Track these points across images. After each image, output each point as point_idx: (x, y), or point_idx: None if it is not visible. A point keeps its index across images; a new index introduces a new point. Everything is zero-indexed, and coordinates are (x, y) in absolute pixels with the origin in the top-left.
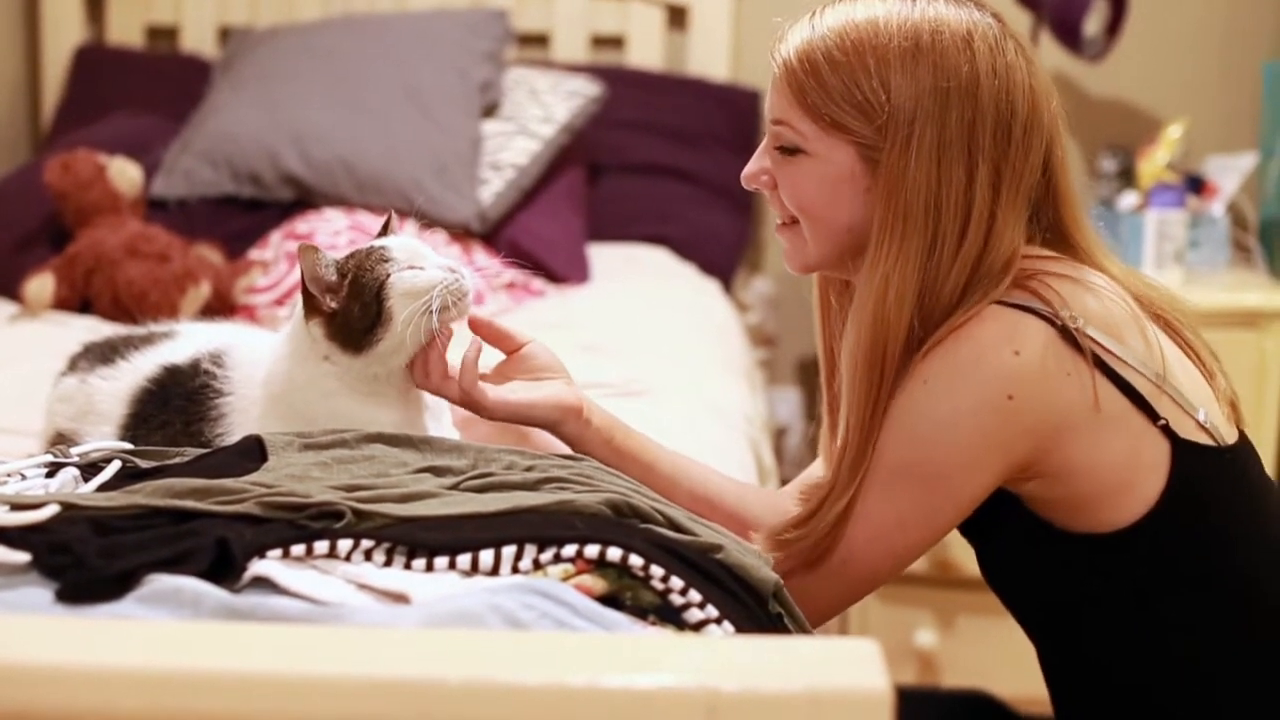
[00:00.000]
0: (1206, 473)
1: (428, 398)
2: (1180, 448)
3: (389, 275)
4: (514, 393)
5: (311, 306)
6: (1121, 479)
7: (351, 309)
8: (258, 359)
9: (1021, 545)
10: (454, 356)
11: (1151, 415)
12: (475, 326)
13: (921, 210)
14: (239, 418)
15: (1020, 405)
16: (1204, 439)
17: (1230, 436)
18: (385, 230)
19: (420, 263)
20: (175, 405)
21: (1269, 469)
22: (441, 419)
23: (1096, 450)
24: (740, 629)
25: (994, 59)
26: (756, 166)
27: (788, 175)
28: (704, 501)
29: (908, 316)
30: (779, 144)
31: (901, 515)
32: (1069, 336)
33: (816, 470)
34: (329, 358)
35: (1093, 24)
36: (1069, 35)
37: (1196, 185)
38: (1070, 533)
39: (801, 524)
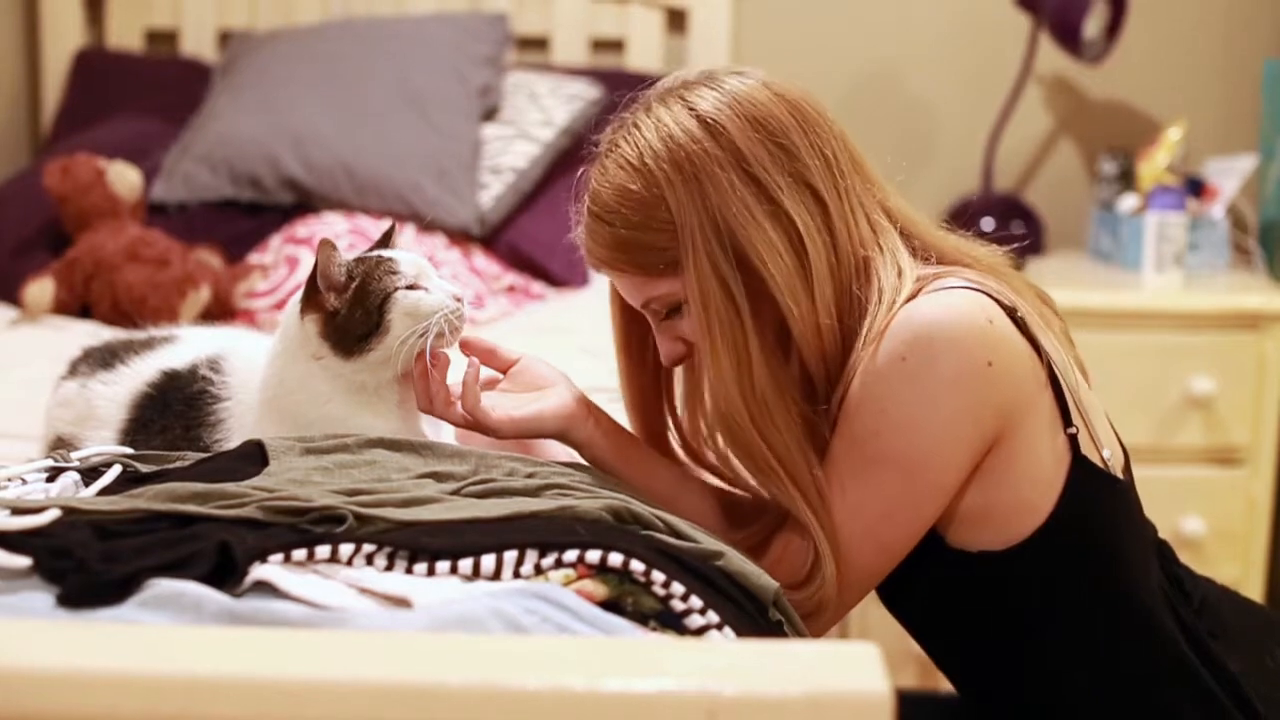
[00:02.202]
0: (1097, 492)
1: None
2: (1078, 464)
3: (395, 289)
4: (519, 409)
5: (312, 302)
6: (1030, 491)
7: (353, 313)
8: (255, 364)
9: (914, 560)
10: (452, 380)
11: (1065, 419)
12: (466, 348)
13: (721, 297)
14: (237, 423)
15: (997, 373)
16: (1096, 459)
17: (1117, 467)
18: (387, 240)
19: (425, 283)
20: (175, 410)
21: (1270, 474)
22: (440, 428)
23: (1035, 443)
24: (741, 635)
25: (730, 109)
26: (669, 347)
27: (690, 326)
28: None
29: (745, 406)
30: (663, 317)
31: (888, 506)
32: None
33: None
34: (320, 357)
35: (1092, 26)
36: (1068, 37)
37: (1196, 187)
38: (960, 550)
39: (808, 583)
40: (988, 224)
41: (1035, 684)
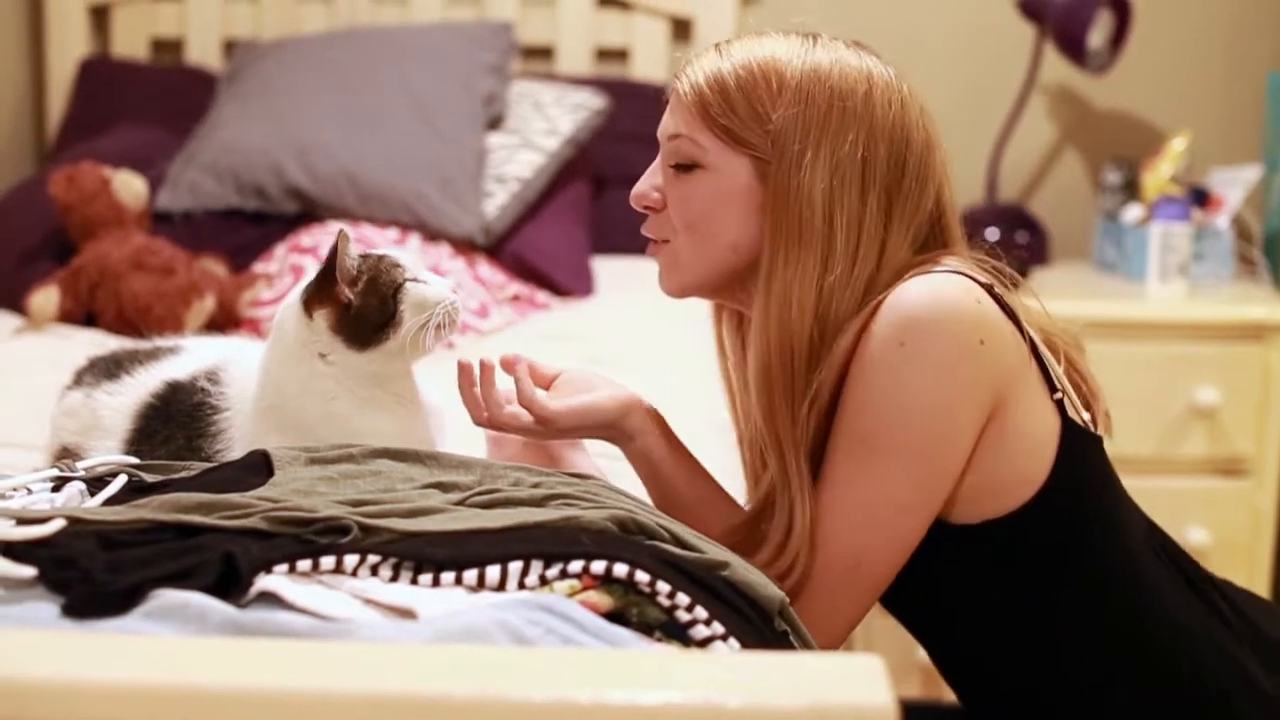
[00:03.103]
0: (1086, 452)
1: (426, 406)
2: (1067, 426)
3: (405, 281)
4: (574, 398)
5: (322, 297)
6: (1026, 459)
7: (368, 303)
8: (254, 373)
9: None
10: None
11: (1051, 387)
12: (508, 366)
13: (816, 225)
14: (238, 433)
15: (989, 350)
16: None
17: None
18: (334, 251)
19: (424, 277)
20: (178, 421)
21: (1275, 485)
22: (444, 430)
23: (1028, 413)
24: (747, 646)
25: (889, 94)
26: (647, 185)
27: (681, 191)
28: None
29: (809, 328)
30: (675, 160)
31: (901, 497)
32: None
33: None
34: (326, 355)
35: (1097, 36)
36: (1073, 47)
37: (1201, 198)
38: (962, 525)
39: (778, 555)
40: (992, 234)
41: (1037, 660)
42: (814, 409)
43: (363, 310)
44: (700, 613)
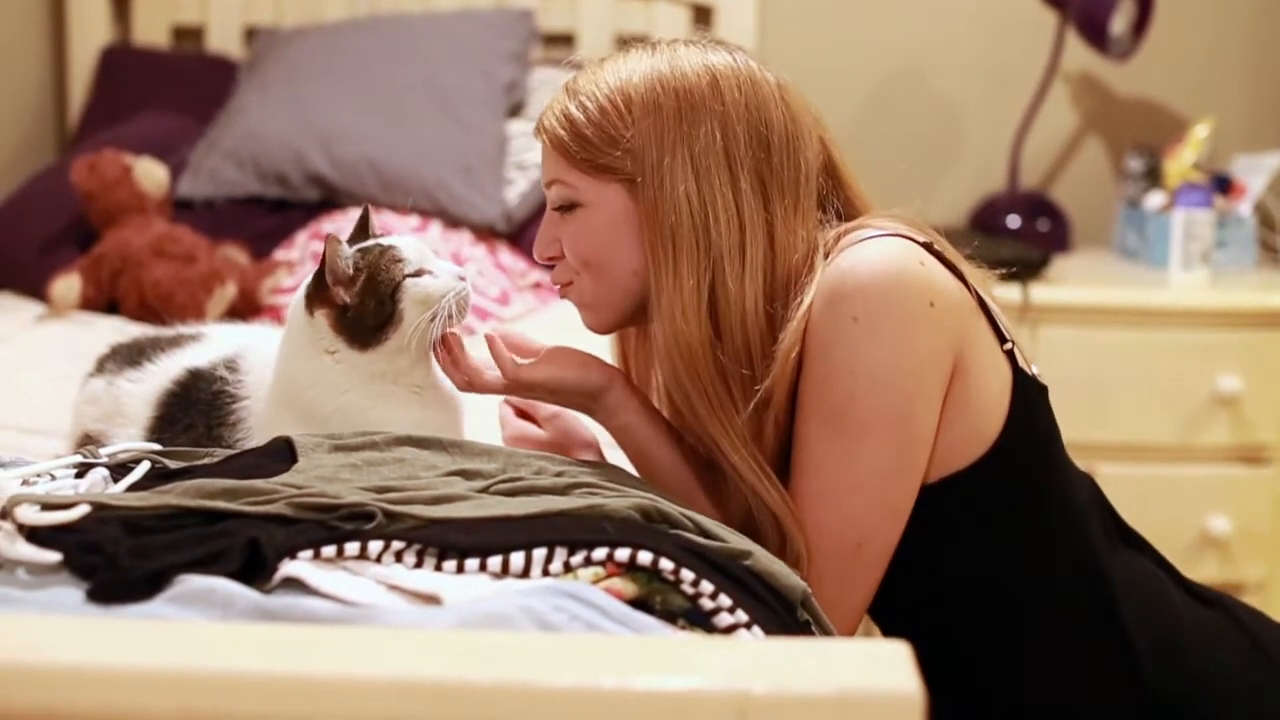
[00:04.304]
0: (1035, 403)
1: (444, 393)
2: (1018, 376)
3: (404, 277)
4: (559, 368)
5: (321, 298)
6: (984, 413)
7: (365, 305)
8: (272, 362)
9: None
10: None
11: (1000, 338)
12: (491, 341)
13: (689, 226)
14: (257, 421)
15: (941, 310)
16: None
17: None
18: (364, 224)
19: (430, 266)
20: (199, 409)
21: None
22: (459, 420)
23: (984, 367)
24: (769, 635)
25: (736, 79)
26: (546, 238)
27: (569, 232)
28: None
29: (705, 331)
30: (557, 204)
31: (885, 468)
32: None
33: None
34: (334, 352)
35: (1119, 23)
36: (1095, 34)
37: (1223, 185)
38: (925, 487)
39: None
40: (1014, 221)
41: (994, 619)
42: (771, 408)
43: (360, 311)
44: (724, 601)
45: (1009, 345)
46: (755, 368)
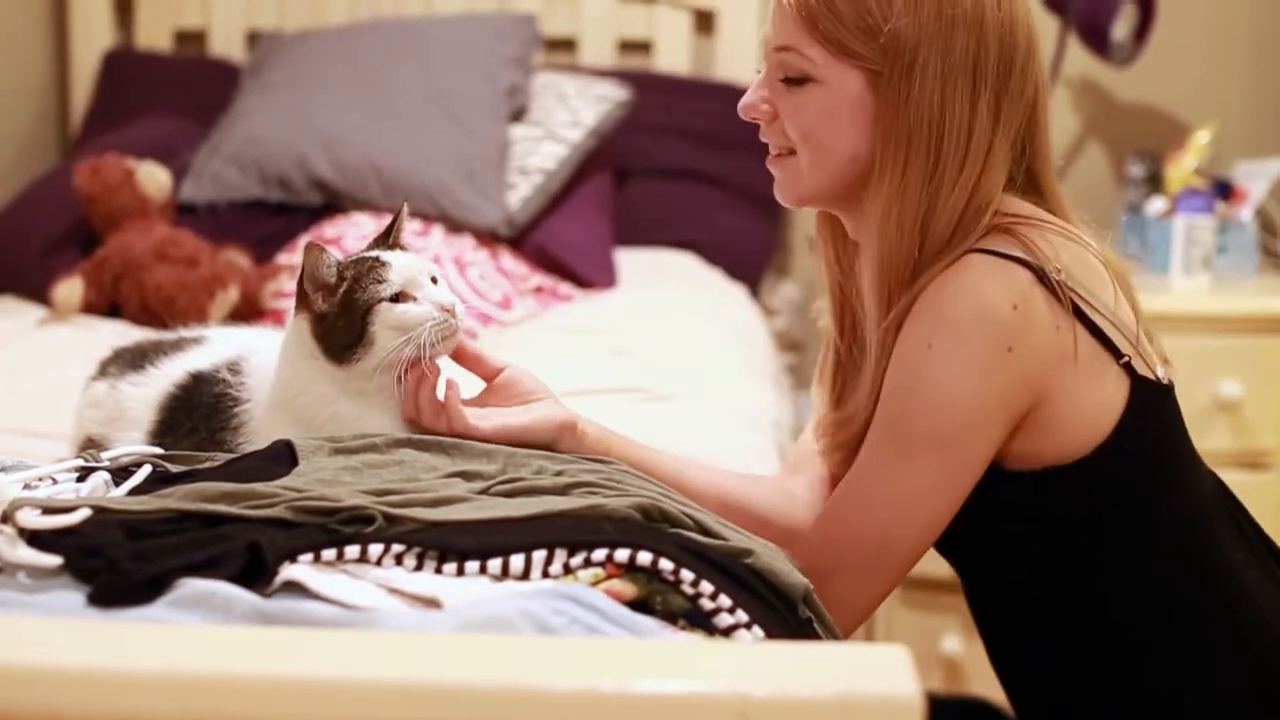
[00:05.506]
0: (1157, 407)
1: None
2: (1137, 382)
3: (379, 300)
4: (507, 419)
5: (303, 302)
6: (1085, 425)
7: (337, 322)
8: (273, 365)
9: (976, 495)
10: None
11: (1116, 354)
12: (449, 393)
13: (925, 134)
14: (259, 425)
15: (1018, 356)
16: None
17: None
18: (395, 224)
19: (415, 291)
20: (200, 412)
21: None
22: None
23: (1078, 399)
24: (770, 634)
25: None
26: (756, 97)
27: (793, 104)
28: (713, 500)
29: (909, 243)
30: (785, 74)
31: (926, 486)
32: (1051, 286)
33: (808, 438)
34: (316, 358)
35: (1120, 28)
36: (1097, 39)
37: (1224, 190)
38: (1012, 470)
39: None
40: None
41: (1084, 615)
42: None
43: (333, 325)
44: (724, 601)
45: (1125, 359)
46: (892, 295)
